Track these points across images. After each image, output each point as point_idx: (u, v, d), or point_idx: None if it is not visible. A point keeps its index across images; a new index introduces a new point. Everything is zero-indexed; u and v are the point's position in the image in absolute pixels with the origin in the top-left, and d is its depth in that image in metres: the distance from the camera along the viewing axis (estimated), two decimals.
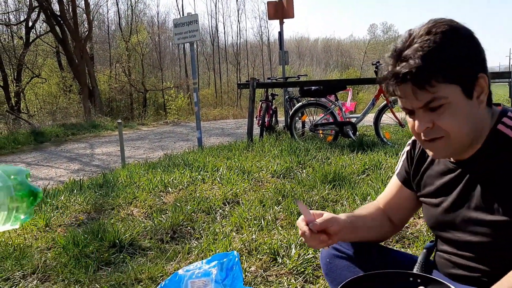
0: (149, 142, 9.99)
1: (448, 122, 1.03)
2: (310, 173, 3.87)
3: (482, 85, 1.03)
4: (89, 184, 4.14)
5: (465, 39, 1.02)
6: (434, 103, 1.02)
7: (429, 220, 1.28)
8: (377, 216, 1.38)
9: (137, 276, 2.19)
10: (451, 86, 1.00)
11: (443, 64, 0.99)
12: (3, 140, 10.90)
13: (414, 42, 1.01)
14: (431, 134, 1.06)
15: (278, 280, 2.08)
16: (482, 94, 1.04)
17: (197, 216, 3.02)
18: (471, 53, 1.02)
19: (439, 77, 0.99)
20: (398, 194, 1.37)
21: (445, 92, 1.00)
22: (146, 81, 26.60)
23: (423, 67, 0.98)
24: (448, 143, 1.06)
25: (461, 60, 1.00)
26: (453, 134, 1.04)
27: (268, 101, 7.71)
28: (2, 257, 2.51)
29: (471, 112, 1.04)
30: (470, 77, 1.02)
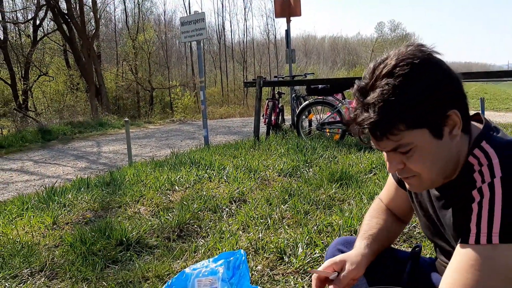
0: (156, 140, 10.02)
1: (417, 164, 1.01)
2: (317, 172, 3.86)
3: (454, 120, 0.99)
4: (96, 182, 4.16)
5: (431, 76, 0.96)
6: (400, 149, 1.00)
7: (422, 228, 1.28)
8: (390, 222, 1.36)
9: (144, 274, 2.20)
10: (416, 131, 0.97)
11: (404, 112, 0.95)
12: (11, 138, 10.98)
13: (376, 86, 0.98)
14: (404, 174, 1.06)
15: (285, 279, 2.08)
16: (455, 129, 1.00)
17: (203, 214, 3.02)
18: (438, 92, 0.96)
19: (400, 126, 0.96)
20: (396, 193, 1.36)
21: (410, 138, 0.98)
22: (152, 80, 26.68)
23: (380, 120, 0.95)
24: (420, 181, 1.05)
25: (425, 104, 0.95)
26: (423, 174, 1.03)
27: (274, 99, 7.69)
28: (10, 254, 2.52)
29: (441, 151, 1.01)
30: (438, 117, 0.98)
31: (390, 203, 1.40)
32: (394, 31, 41.25)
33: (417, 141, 0.98)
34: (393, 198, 1.38)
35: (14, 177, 6.97)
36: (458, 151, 1.04)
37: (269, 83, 7.50)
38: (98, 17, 21.51)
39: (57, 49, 24.53)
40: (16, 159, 8.77)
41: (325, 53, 43.00)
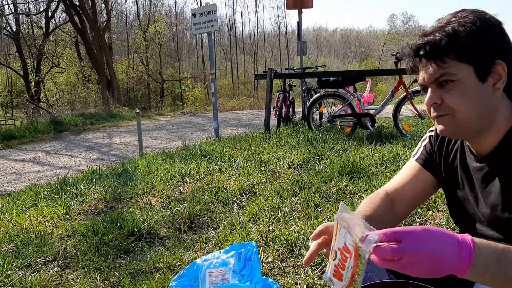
0: (167, 132, 10.06)
1: (455, 100, 1.04)
2: (327, 165, 3.85)
3: (499, 72, 1.03)
4: (107, 173, 4.19)
5: (489, 26, 1.02)
6: (443, 77, 1.03)
7: (452, 211, 1.26)
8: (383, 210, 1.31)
9: (156, 264, 2.22)
10: (463, 65, 1.02)
11: (459, 42, 1.01)
12: (24, 129, 11.11)
13: (439, 22, 1.05)
14: (438, 111, 1.07)
15: (295, 271, 2.08)
16: (499, 82, 1.03)
17: (214, 206, 3.03)
18: (492, 38, 1.02)
19: (451, 54, 1.01)
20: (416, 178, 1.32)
21: (456, 69, 1.02)
22: (163, 72, 26.77)
23: (437, 42, 1.02)
24: (453, 122, 1.06)
25: (479, 42, 1.01)
26: (458, 113, 1.04)
27: (285, 92, 7.66)
28: (24, 244, 2.56)
29: (481, 96, 1.03)
30: (486, 60, 1.02)
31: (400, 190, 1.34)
32: (406, 23, 40.81)
33: (462, 75, 1.02)
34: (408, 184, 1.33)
35: (26, 167, 7.06)
36: (497, 109, 1.05)
37: (280, 76, 7.46)
38: (109, 8, 21.59)
39: (69, 40, 24.70)
40: (28, 150, 8.87)
41: (337, 45, 42.71)
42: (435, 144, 1.29)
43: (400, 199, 1.34)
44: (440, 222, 2.53)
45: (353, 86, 6.22)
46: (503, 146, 1.06)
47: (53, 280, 2.14)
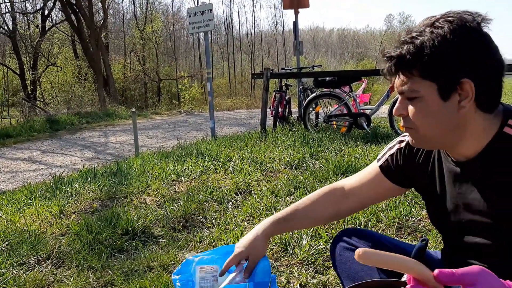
0: (163, 131, 10.05)
1: (416, 116, 1.05)
2: (323, 164, 3.86)
3: (465, 90, 0.99)
4: (103, 172, 4.19)
5: (461, 41, 0.97)
6: (407, 94, 1.04)
7: (433, 220, 1.27)
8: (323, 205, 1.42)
9: (149, 263, 2.22)
10: (426, 81, 1.00)
11: (424, 59, 0.99)
12: (19, 127, 11.08)
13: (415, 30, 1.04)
14: (404, 122, 1.09)
15: (289, 270, 2.09)
16: (465, 100, 1.00)
17: (209, 205, 3.03)
18: (461, 55, 0.97)
19: (415, 70, 1.01)
20: (374, 183, 1.36)
21: (419, 86, 1.01)
22: (160, 71, 26.71)
23: (403, 56, 1.02)
24: (417, 136, 1.08)
25: (444, 60, 0.98)
26: (420, 129, 1.06)
27: (282, 91, 7.67)
28: (17, 242, 2.56)
29: (444, 114, 1.01)
30: (449, 79, 0.99)
31: (358, 189, 1.40)
32: (403, 23, 40.83)
33: (424, 92, 1.02)
34: (366, 185, 1.38)
35: (22, 166, 7.04)
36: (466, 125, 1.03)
37: (277, 75, 7.47)
38: (106, 7, 21.54)
39: (65, 39, 24.62)
40: (24, 148, 8.84)
41: (333, 45, 42.76)
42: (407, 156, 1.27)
43: (356, 196, 1.41)
44: None
45: (349, 86, 6.24)
46: (486, 153, 1.05)
47: (46, 279, 2.14)
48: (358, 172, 1.45)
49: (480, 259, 1.11)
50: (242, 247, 1.40)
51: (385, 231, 2.46)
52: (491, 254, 1.08)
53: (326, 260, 2.14)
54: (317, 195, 1.44)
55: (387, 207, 2.70)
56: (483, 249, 1.09)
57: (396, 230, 2.46)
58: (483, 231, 1.08)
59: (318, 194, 1.45)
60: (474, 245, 1.10)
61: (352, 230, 1.48)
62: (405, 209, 2.67)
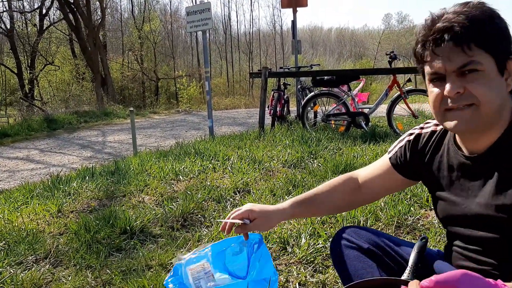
0: (161, 131, 10.03)
1: (481, 89, 0.99)
2: (321, 164, 3.85)
3: (510, 69, 1.02)
4: (101, 171, 4.17)
5: (504, 21, 1.02)
6: (469, 66, 0.98)
7: (440, 214, 1.26)
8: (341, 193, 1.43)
9: (148, 262, 2.21)
10: (487, 55, 0.99)
11: (486, 31, 0.98)
12: (17, 127, 11.04)
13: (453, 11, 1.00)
14: (461, 100, 1.01)
15: (288, 269, 2.08)
16: (509, 78, 1.03)
17: (207, 204, 3.03)
18: (508, 33, 1.01)
19: (479, 42, 0.97)
20: (385, 175, 1.37)
21: (482, 59, 0.98)
22: (158, 70, 26.68)
23: (467, 26, 0.97)
24: (476, 113, 1.00)
25: (501, 35, 0.99)
26: (483, 103, 0.99)
27: (280, 90, 7.66)
28: (15, 241, 2.54)
29: (500, 89, 1.01)
30: (505, 54, 1.01)
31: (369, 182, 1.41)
32: (401, 23, 40.83)
33: (486, 65, 0.99)
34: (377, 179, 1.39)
35: (20, 165, 7.02)
36: (504, 104, 1.03)
37: (275, 74, 7.47)
38: (104, 6, 21.48)
39: (63, 38, 24.57)
40: (22, 147, 8.82)
41: (332, 44, 42.78)
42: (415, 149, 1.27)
43: (368, 188, 1.42)
44: (433, 220, 2.54)
45: (347, 85, 6.24)
46: (498, 146, 1.05)
47: (44, 278, 2.13)
48: (370, 164, 1.46)
49: (486, 254, 1.10)
50: (255, 208, 1.40)
51: (384, 229, 2.46)
52: (497, 249, 1.07)
53: (325, 259, 2.14)
54: (336, 183, 1.45)
55: (385, 206, 2.69)
56: (489, 244, 1.08)
57: (395, 229, 2.46)
58: (490, 225, 1.07)
59: (338, 182, 1.45)
60: (481, 240, 1.10)
61: (351, 228, 1.47)
62: (404, 208, 2.67)
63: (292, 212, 1.43)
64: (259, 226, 1.39)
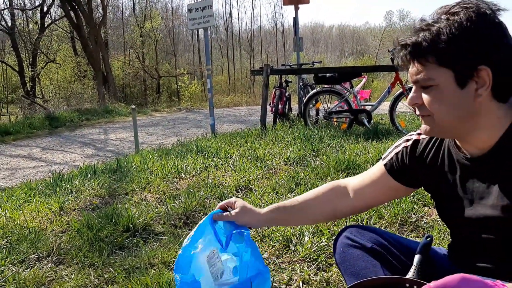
0: (163, 128, 10.03)
1: (432, 104, 1.04)
2: (323, 161, 3.84)
3: (483, 78, 0.98)
4: (103, 169, 4.17)
5: (478, 27, 0.97)
6: (422, 82, 1.03)
7: (443, 216, 1.25)
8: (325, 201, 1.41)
9: (151, 260, 2.20)
10: (442, 69, 1.00)
11: (440, 45, 0.98)
12: (19, 124, 11.04)
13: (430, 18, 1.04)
14: (420, 111, 1.08)
15: (291, 267, 2.08)
16: (481, 88, 0.99)
17: (210, 202, 3.02)
18: (477, 42, 0.97)
19: (431, 57, 1.00)
20: (379, 182, 1.34)
21: (434, 74, 1.00)
22: (159, 67, 26.68)
23: (418, 44, 1.01)
24: (433, 124, 1.07)
25: (461, 47, 0.97)
26: (436, 116, 1.05)
27: (282, 88, 7.65)
28: (17, 239, 2.54)
29: (460, 102, 1.01)
30: (466, 66, 0.98)
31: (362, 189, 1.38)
32: (403, 20, 40.71)
33: (440, 80, 1.01)
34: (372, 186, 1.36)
35: (22, 163, 7.02)
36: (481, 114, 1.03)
37: (276, 72, 7.46)
38: (105, 4, 21.48)
39: (65, 36, 24.57)
40: (24, 145, 8.82)
41: (333, 42, 42.72)
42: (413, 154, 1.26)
43: (359, 196, 1.39)
44: (436, 218, 2.52)
45: (349, 82, 6.22)
46: (501, 146, 1.03)
47: (47, 276, 2.13)
48: (363, 172, 1.43)
49: (490, 255, 1.09)
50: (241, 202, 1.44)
51: (388, 227, 2.45)
52: (501, 250, 1.06)
53: (328, 257, 2.13)
54: (320, 190, 1.43)
55: (389, 204, 2.68)
56: (493, 245, 1.07)
57: (399, 227, 2.45)
58: (494, 226, 1.06)
59: (321, 190, 1.43)
60: (485, 241, 1.09)
61: (355, 227, 1.46)
62: (408, 206, 2.66)
63: (267, 218, 1.43)
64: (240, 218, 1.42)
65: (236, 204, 1.44)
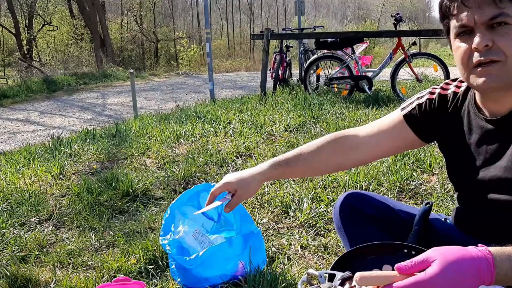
0: (161, 93, 9.95)
1: (509, 44, 0.96)
2: (323, 128, 3.83)
3: None
4: (102, 134, 4.15)
5: None
6: (499, 18, 0.95)
7: (454, 177, 1.23)
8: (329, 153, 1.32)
9: (151, 225, 2.22)
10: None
11: None
12: (16, 88, 10.94)
13: None
14: (489, 55, 0.98)
15: (290, 232, 2.10)
16: None
17: (209, 168, 3.02)
18: None
19: None
20: (394, 132, 1.28)
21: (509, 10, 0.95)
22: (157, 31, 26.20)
23: None
24: (503, 70, 0.98)
25: None
26: (510, 57, 0.97)
27: (282, 53, 7.53)
28: (18, 203, 2.55)
29: None
30: None
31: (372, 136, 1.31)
32: None
33: None
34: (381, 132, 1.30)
35: (20, 127, 7.00)
36: None
37: (277, 36, 7.31)
38: None
39: None
40: (21, 109, 8.77)
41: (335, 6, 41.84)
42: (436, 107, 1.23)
43: (368, 146, 1.31)
44: (435, 185, 2.54)
45: (351, 47, 6.12)
46: None
47: (48, 239, 2.15)
48: (375, 121, 1.35)
49: (501, 218, 1.09)
50: (232, 179, 1.30)
51: (386, 194, 2.46)
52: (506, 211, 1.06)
53: (326, 222, 2.15)
54: (324, 141, 1.34)
55: (388, 171, 2.69)
56: (506, 207, 1.07)
57: (397, 194, 2.46)
58: (506, 189, 1.05)
59: (326, 141, 1.34)
60: (497, 203, 1.08)
61: (355, 193, 1.46)
62: (406, 173, 2.66)
63: (271, 174, 1.33)
64: (241, 196, 1.30)
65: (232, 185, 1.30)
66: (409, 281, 0.78)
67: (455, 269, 0.75)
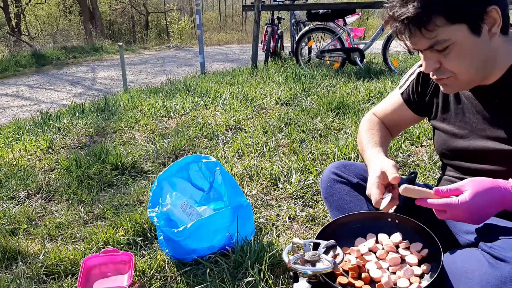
0: (151, 67, 9.83)
1: (453, 63, 1.01)
2: (314, 101, 3.82)
3: (493, 17, 0.98)
4: (91, 108, 4.12)
5: None
6: (438, 46, 1.00)
7: (440, 146, 1.25)
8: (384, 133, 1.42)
9: (139, 197, 2.23)
10: (455, 26, 0.97)
11: (443, 5, 0.95)
12: (5, 62, 10.75)
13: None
14: (439, 74, 1.05)
15: (278, 204, 2.11)
16: (494, 27, 0.99)
17: (199, 141, 3.02)
18: None
19: (439, 19, 0.96)
20: (398, 112, 1.38)
21: (448, 34, 0.97)
22: (147, 3, 25.67)
23: (421, 12, 0.96)
24: (457, 81, 1.05)
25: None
26: (459, 74, 1.03)
27: (273, 25, 7.43)
28: (6, 177, 2.55)
29: (479, 49, 1.00)
30: (477, 13, 0.97)
31: (386, 118, 1.43)
32: None
33: (455, 38, 0.98)
34: (392, 115, 1.41)
35: (9, 102, 6.91)
36: (496, 50, 1.03)
37: (268, 7, 7.20)
38: None
39: None
40: (10, 84, 8.64)
41: None
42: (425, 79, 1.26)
43: (389, 124, 1.43)
44: (423, 157, 2.55)
45: (343, 19, 6.05)
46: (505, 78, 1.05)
47: (37, 212, 2.15)
48: (382, 101, 1.46)
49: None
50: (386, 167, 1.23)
51: None
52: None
53: (315, 194, 2.16)
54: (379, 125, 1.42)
55: None
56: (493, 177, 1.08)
57: None
58: (496, 158, 1.08)
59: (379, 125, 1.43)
60: (484, 173, 1.10)
61: (342, 163, 1.47)
62: (395, 145, 2.68)
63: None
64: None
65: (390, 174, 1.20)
66: (442, 201, 0.97)
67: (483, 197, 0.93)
